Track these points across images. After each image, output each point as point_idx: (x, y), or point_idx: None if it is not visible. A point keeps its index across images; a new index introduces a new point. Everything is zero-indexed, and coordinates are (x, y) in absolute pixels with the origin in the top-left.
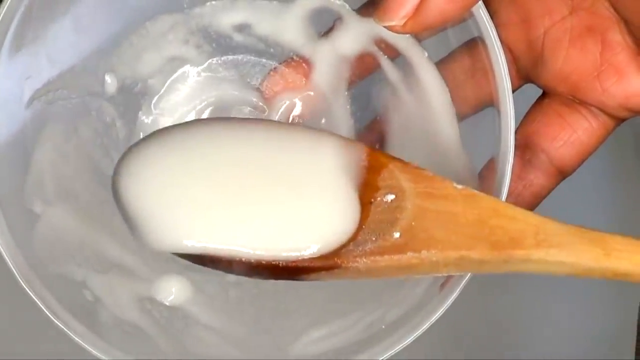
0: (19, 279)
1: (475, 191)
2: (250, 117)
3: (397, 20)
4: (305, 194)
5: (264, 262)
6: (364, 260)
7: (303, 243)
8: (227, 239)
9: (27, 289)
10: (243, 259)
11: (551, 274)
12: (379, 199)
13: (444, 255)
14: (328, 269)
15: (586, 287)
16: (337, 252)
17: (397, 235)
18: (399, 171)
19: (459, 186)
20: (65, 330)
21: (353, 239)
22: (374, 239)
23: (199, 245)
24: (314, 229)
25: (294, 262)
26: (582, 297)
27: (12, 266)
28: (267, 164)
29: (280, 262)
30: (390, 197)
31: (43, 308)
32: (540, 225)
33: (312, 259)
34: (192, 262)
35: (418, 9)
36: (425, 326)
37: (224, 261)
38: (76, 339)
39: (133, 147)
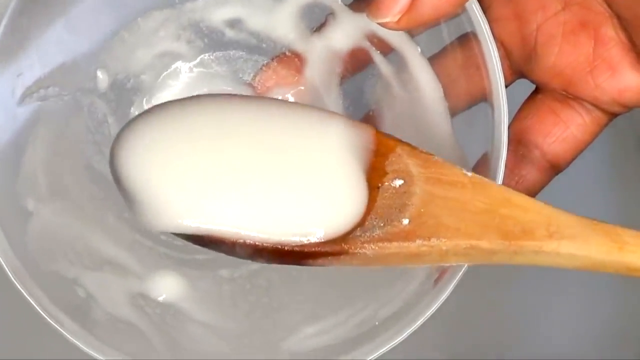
0: (11, 277)
1: (485, 179)
2: None
3: (390, 17)
4: (312, 176)
5: (268, 245)
6: (372, 246)
7: (309, 227)
8: (229, 220)
9: (19, 286)
10: (246, 242)
11: (562, 267)
12: (386, 183)
13: (454, 243)
14: (335, 254)
15: (591, 284)
16: (344, 237)
17: (405, 221)
18: (407, 155)
19: (469, 173)
20: (58, 327)
21: (361, 224)
22: (382, 224)
23: (200, 226)
24: (320, 212)
25: (299, 246)
26: (587, 295)
27: (4, 263)
28: (273, 143)
29: (286, 246)
30: (399, 182)
31: (35, 305)
32: (552, 217)
33: (318, 244)
34: (193, 243)
35: (412, 5)
36: (418, 323)
37: (227, 243)
38: (68, 336)
39: (132, 122)
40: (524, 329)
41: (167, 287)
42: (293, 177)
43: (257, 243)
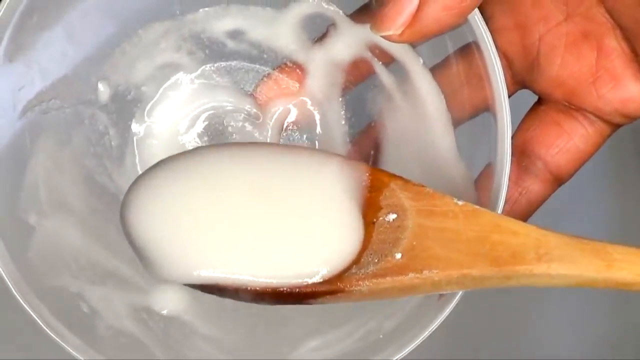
0: (15, 292)
1: (476, 207)
2: (245, 123)
3: (394, 30)
4: (311, 219)
5: (269, 289)
6: (367, 283)
7: (310, 269)
8: (236, 269)
9: (22, 302)
10: (249, 288)
11: (555, 287)
12: (381, 218)
13: (445, 274)
14: (332, 293)
15: (589, 289)
16: (340, 276)
17: (398, 256)
18: (400, 189)
19: (460, 202)
20: (62, 343)
21: (357, 261)
22: (376, 260)
23: (208, 275)
24: (320, 254)
25: (299, 288)
26: (586, 298)
27: (7, 279)
28: (272, 190)
29: (286, 289)
30: (392, 216)
31: (39, 321)
32: (541, 239)
33: (316, 284)
34: (200, 290)
35: (414, 17)
36: (423, 336)
37: (231, 289)
38: (72, 351)
39: (139, 179)
40: (522, 332)
41: (170, 300)
42: (293, 223)
43: (258, 288)
